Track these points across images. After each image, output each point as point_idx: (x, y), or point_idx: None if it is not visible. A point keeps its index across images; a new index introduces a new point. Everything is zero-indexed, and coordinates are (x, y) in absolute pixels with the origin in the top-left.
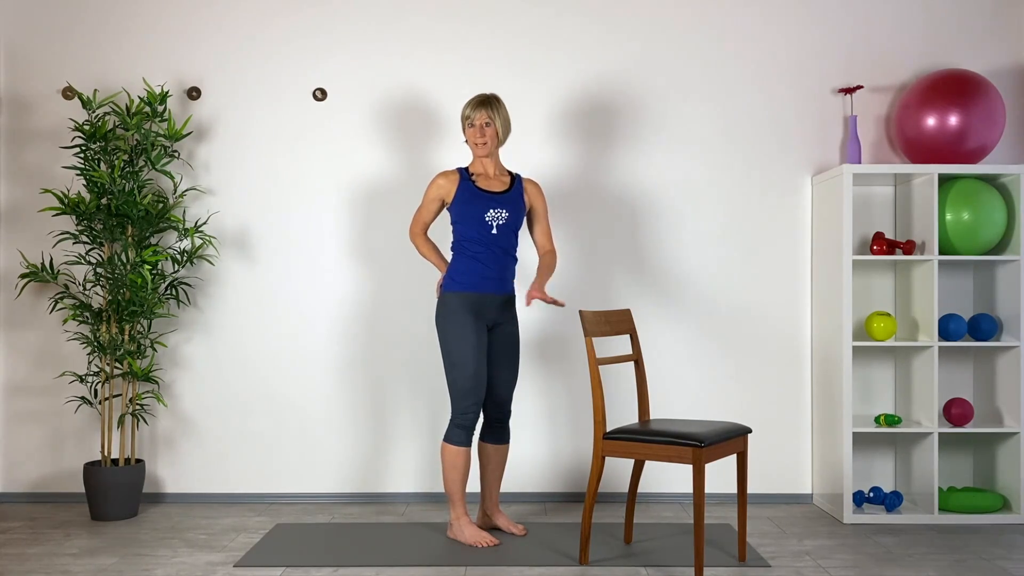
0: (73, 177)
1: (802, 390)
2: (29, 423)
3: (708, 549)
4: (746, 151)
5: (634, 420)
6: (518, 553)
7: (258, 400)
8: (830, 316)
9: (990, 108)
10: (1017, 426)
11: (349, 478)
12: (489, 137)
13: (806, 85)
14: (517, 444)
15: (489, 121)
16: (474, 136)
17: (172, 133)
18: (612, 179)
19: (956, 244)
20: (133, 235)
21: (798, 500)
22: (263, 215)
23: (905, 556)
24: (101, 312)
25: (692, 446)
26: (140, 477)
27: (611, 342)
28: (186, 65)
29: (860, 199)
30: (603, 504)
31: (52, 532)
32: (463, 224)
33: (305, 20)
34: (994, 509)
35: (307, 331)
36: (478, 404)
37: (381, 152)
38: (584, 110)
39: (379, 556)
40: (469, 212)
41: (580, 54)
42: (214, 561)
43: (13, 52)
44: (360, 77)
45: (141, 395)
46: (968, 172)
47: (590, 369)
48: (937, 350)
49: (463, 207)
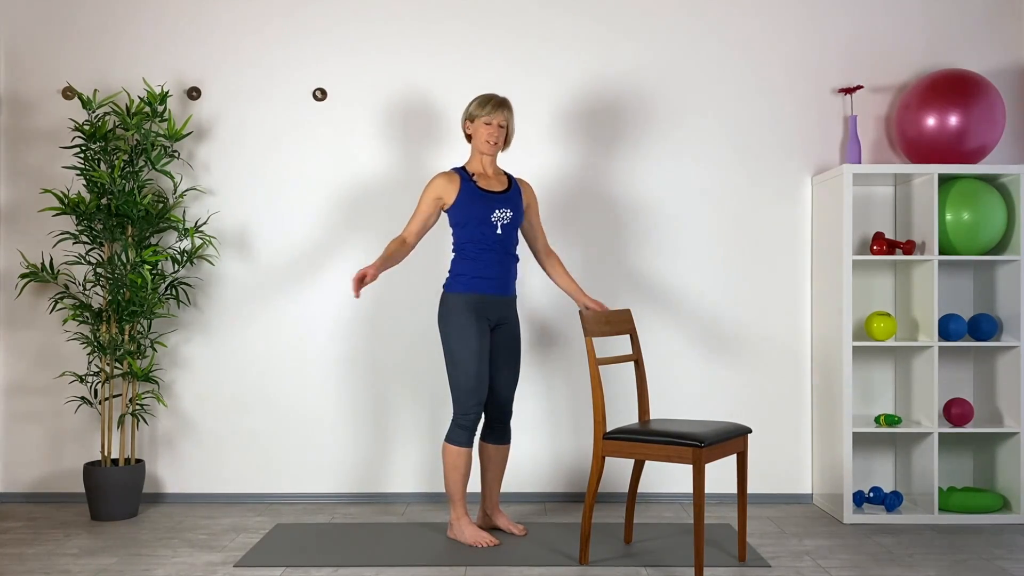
0: (73, 177)
1: (802, 390)
2: (29, 423)
3: (708, 549)
4: (746, 151)
5: (634, 420)
6: (518, 553)
7: (258, 400)
8: (830, 316)
9: (990, 108)
10: (1017, 426)
11: (349, 478)
12: (500, 139)
13: (806, 85)
14: (517, 444)
15: (504, 124)
16: (490, 135)
17: (172, 133)
18: (612, 179)
19: (956, 244)
20: (133, 235)
21: (798, 500)
22: (263, 215)
23: (905, 556)
24: (101, 312)
25: (692, 446)
26: (140, 477)
27: (611, 342)
28: (186, 65)
29: (860, 199)
30: (603, 504)
31: (52, 532)
32: (469, 226)
33: (305, 20)
34: (994, 509)
35: (307, 331)
36: (480, 405)
37: (381, 152)
38: (585, 110)
39: (379, 556)
40: (475, 213)
41: (581, 55)
42: (214, 561)
43: (13, 52)
44: (360, 77)
45: (141, 395)
46: (968, 172)
47: (590, 369)
48: (937, 350)
49: (468, 208)
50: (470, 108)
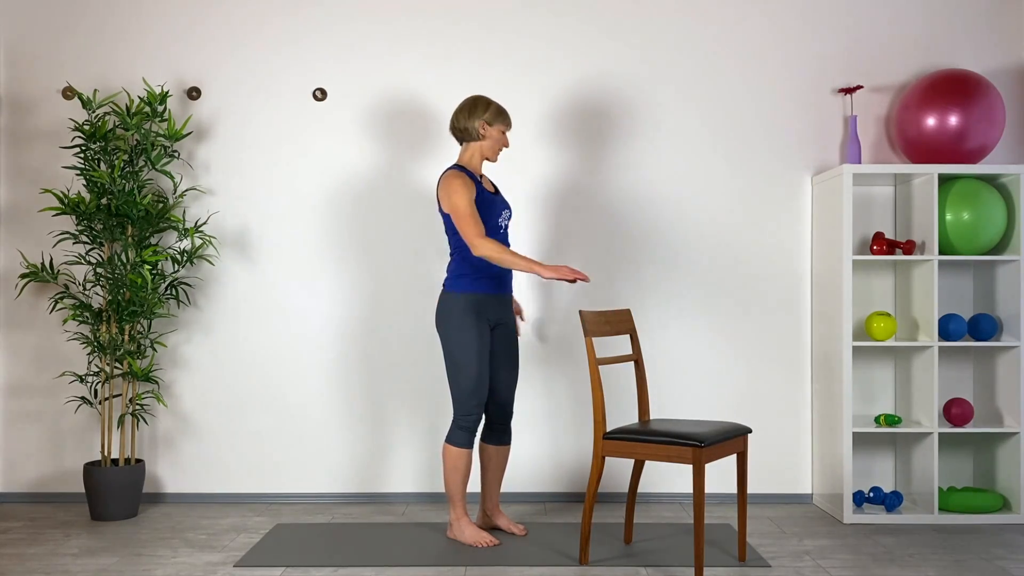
0: (73, 177)
1: (802, 390)
2: (29, 423)
3: (708, 549)
4: (746, 151)
5: (634, 420)
6: (518, 553)
7: (258, 400)
8: (830, 316)
9: (990, 108)
10: (1017, 426)
11: (349, 478)
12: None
13: (806, 85)
14: (517, 444)
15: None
16: (504, 145)
17: (172, 133)
18: (612, 179)
19: (956, 244)
20: (133, 235)
21: (798, 500)
22: (263, 215)
23: (905, 556)
24: (101, 312)
25: (692, 446)
26: (140, 477)
27: (611, 342)
28: (186, 65)
29: (860, 199)
30: (603, 504)
31: (52, 532)
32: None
33: (305, 20)
34: (994, 509)
35: (307, 331)
36: (481, 405)
37: (381, 152)
38: (584, 110)
39: (379, 556)
40: (487, 216)
41: (579, 55)
42: (214, 561)
43: (13, 52)
44: (360, 77)
45: (141, 395)
46: (968, 172)
47: (590, 369)
48: (937, 350)
49: (482, 211)
50: (489, 112)
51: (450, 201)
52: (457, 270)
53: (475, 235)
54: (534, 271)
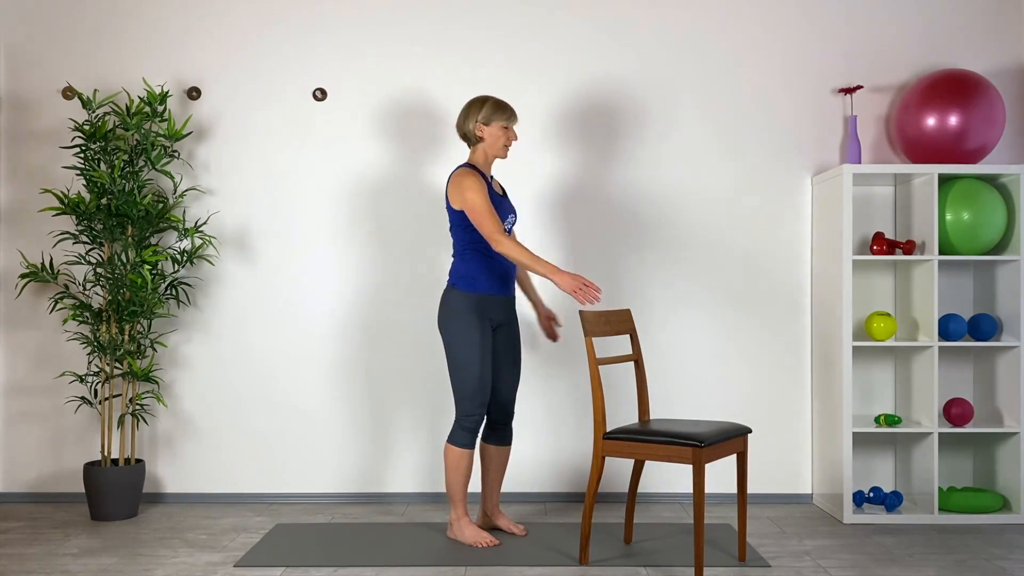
0: (73, 177)
1: (802, 390)
2: (29, 423)
3: (708, 549)
4: (746, 151)
5: (634, 420)
6: (518, 553)
7: (258, 400)
8: (830, 316)
9: (990, 108)
10: (1017, 426)
11: (349, 478)
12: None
13: (806, 85)
14: (518, 444)
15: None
16: (509, 139)
17: (172, 133)
18: (612, 180)
19: (956, 244)
20: (133, 235)
21: (798, 500)
22: (263, 215)
23: (905, 556)
24: (101, 312)
25: (692, 446)
26: (140, 477)
27: (611, 342)
28: (186, 65)
29: (860, 199)
30: (603, 504)
31: (52, 532)
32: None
33: (305, 20)
34: (994, 509)
35: (307, 331)
36: (483, 406)
37: (381, 152)
38: (584, 111)
39: (379, 556)
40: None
41: (580, 56)
42: (214, 561)
43: (13, 52)
44: (360, 77)
45: (141, 395)
46: (968, 172)
47: (590, 369)
48: (937, 350)
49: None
50: (483, 112)
51: (464, 198)
52: (461, 270)
53: (496, 230)
54: (551, 278)
